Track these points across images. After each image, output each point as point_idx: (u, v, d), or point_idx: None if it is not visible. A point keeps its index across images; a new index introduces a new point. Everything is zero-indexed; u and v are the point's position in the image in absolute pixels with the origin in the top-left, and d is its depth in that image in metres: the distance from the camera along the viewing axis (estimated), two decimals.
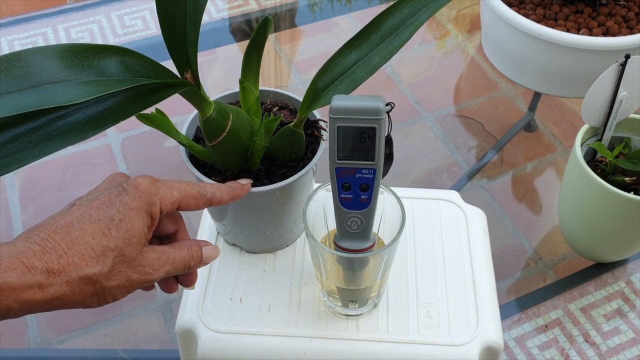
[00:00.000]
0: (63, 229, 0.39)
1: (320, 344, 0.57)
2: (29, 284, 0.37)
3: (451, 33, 1.35)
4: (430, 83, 1.24)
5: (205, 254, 0.47)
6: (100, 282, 0.39)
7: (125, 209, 0.41)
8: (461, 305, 0.59)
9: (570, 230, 0.92)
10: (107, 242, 0.40)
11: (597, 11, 1.02)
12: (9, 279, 0.36)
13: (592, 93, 0.79)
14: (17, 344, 0.87)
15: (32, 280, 0.37)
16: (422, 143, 1.13)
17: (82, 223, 0.40)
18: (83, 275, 0.38)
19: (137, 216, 0.41)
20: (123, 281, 0.41)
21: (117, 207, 0.41)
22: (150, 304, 0.91)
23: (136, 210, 0.41)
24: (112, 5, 1.40)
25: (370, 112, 0.45)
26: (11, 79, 0.39)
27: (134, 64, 0.44)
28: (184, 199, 0.45)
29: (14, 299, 0.36)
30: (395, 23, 0.51)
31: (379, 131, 0.46)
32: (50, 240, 0.39)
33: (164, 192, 0.44)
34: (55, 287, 0.38)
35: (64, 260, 0.38)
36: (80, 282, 0.38)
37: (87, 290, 0.39)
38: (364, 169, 0.48)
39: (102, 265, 0.39)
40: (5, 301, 0.36)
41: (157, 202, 0.43)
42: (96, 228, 0.40)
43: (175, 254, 0.44)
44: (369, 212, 0.50)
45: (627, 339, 0.86)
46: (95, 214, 0.40)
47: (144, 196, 0.42)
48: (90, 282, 0.39)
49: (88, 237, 0.39)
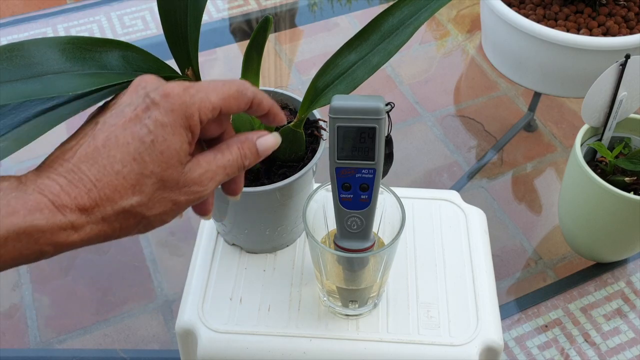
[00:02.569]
0: (88, 156, 0.34)
1: (320, 344, 0.57)
2: (60, 226, 0.32)
3: (451, 33, 1.35)
4: (430, 83, 1.24)
5: (262, 146, 0.40)
6: (142, 213, 0.35)
7: (156, 128, 0.35)
8: (461, 305, 0.59)
9: (570, 230, 0.92)
10: (140, 169, 0.34)
11: (597, 11, 1.02)
12: (37, 221, 0.32)
13: (592, 93, 0.79)
14: (17, 344, 0.87)
15: (62, 222, 0.32)
16: (422, 143, 1.13)
17: (109, 148, 0.34)
18: (119, 209, 0.34)
19: (173, 134, 0.35)
20: (169, 207, 0.36)
21: (146, 125, 0.35)
22: (150, 304, 0.91)
23: (170, 127, 0.35)
24: (112, 5, 1.40)
25: (370, 112, 0.45)
26: (13, 68, 0.39)
27: (135, 59, 0.44)
28: (225, 102, 0.38)
29: (46, 242, 0.32)
30: (396, 23, 0.51)
31: (379, 131, 0.46)
32: (77, 172, 0.33)
33: (200, 100, 0.36)
34: (90, 225, 0.33)
35: (95, 195, 0.33)
36: (117, 216, 0.34)
37: (129, 224, 0.35)
38: (364, 169, 0.48)
39: (139, 195, 0.34)
40: (35, 245, 0.32)
41: (195, 113, 0.36)
42: (125, 153, 0.34)
43: (224, 159, 0.38)
44: (369, 212, 0.50)
45: (627, 339, 0.86)
46: (122, 136, 0.34)
47: (178, 109, 0.35)
48: (129, 215, 0.34)
49: (118, 165, 0.34)
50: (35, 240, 0.32)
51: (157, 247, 0.97)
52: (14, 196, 0.32)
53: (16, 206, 0.32)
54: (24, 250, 0.32)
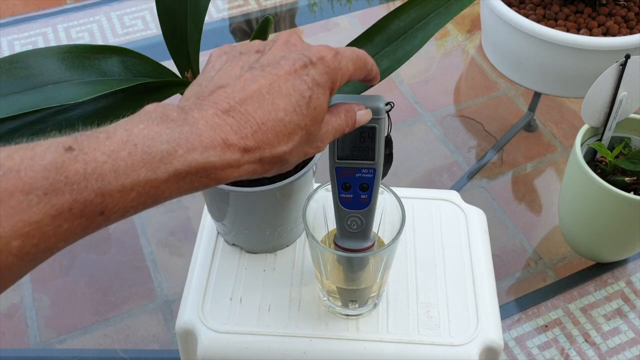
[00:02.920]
0: (254, 98, 0.36)
1: (320, 344, 0.57)
2: (228, 163, 0.34)
3: (451, 33, 1.35)
4: (430, 83, 1.24)
5: (359, 118, 0.43)
6: (286, 159, 0.37)
7: (314, 86, 0.38)
8: (461, 305, 0.59)
9: (570, 230, 0.92)
10: (297, 120, 0.37)
11: (597, 11, 1.02)
12: (211, 158, 0.33)
13: (592, 93, 0.79)
14: (17, 344, 0.87)
15: (230, 159, 0.34)
16: (422, 143, 1.13)
17: (273, 95, 0.36)
18: (275, 154, 0.36)
19: (323, 94, 0.38)
20: (301, 156, 0.39)
21: (306, 82, 0.37)
22: (150, 304, 0.91)
23: (322, 87, 0.38)
24: (112, 5, 1.40)
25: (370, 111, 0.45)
26: (14, 80, 0.39)
27: (134, 64, 0.44)
28: (355, 72, 0.41)
29: (214, 178, 0.34)
30: (402, 26, 0.50)
31: (379, 131, 0.46)
32: (242, 112, 0.35)
33: (345, 67, 0.40)
34: (247, 164, 0.36)
35: (259, 137, 0.35)
36: (270, 160, 0.36)
37: (273, 167, 0.37)
38: (363, 169, 0.48)
39: (291, 144, 0.37)
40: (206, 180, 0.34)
41: (339, 79, 0.40)
42: (287, 103, 0.36)
43: (335, 121, 0.41)
44: (369, 212, 0.50)
45: (627, 339, 0.86)
46: (284, 87, 0.37)
47: (330, 72, 0.39)
48: (277, 160, 0.37)
49: (281, 113, 0.36)
50: (207, 175, 0.34)
51: (157, 247, 0.97)
52: (187, 131, 0.33)
53: (194, 143, 0.33)
54: (196, 183, 0.34)
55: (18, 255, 0.28)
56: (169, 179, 0.32)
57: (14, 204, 0.28)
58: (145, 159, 0.31)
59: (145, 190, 0.31)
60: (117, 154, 0.30)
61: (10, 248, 0.27)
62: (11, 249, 0.27)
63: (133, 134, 0.32)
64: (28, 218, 0.28)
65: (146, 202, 0.32)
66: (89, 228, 0.30)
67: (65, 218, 0.29)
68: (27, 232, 0.28)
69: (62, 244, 0.30)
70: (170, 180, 0.32)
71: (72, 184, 0.29)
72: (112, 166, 0.30)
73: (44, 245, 0.29)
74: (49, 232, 0.29)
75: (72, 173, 0.29)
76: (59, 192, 0.29)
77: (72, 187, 0.29)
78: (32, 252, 0.28)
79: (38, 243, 0.28)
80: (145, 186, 0.31)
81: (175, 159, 0.32)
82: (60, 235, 0.29)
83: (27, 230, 0.28)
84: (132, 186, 0.31)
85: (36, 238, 0.28)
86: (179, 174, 0.32)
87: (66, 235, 0.29)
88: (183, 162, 0.32)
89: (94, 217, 0.30)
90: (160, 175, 0.31)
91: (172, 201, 1.03)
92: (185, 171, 0.32)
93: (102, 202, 0.30)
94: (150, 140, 0.32)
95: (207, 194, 0.58)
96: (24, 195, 0.28)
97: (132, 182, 0.31)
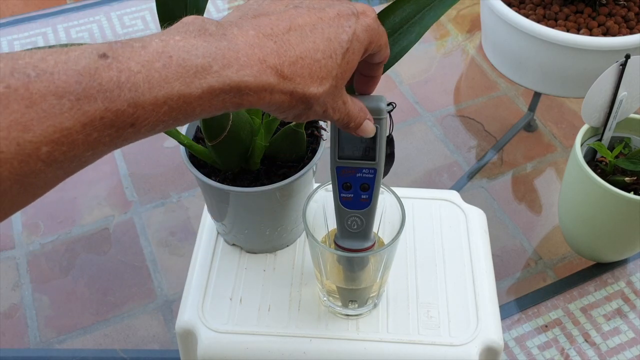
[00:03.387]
0: (298, 31, 0.35)
1: (320, 344, 0.57)
2: (263, 86, 0.33)
3: (451, 33, 1.35)
4: (430, 83, 1.24)
5: (364, 126, 0.42)
6: (311, 104, 0.36)
7: (353, 39, 0.37)
8: (461, 305, 0.59)
9: (570, 230, 0.92)
10: (331, 67, 0.36)
11: (597, 11, 1.02)
12: (246, 77, 0.32)
13: (592, 93, 0.79)
14: (17, 344, 0.87)
15: (265, 82, 0.33)
16: (422, 143, 1.13)
17: (315, 35, 0.35)
18: (306, 93, 0.35)
19: (359, 51, 0.37)
20: (320, 111, 0.38)
21: (347, 33, 0.36)
22: (150, 304, 0.91)
23: (361, 43, 0.37)
24: (112, 5, 1.40)
25: (371, 111, 0.45)
26: None
27: None
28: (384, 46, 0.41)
29: (246, 100, 0.33)
30: (398, 21, 0.50)
31: (380, 131, 0.45)
32: (285, 40, 0.34)
33: (382, 33, 0.39)
34: (280, 93, 0.34)
35: (295, 69, 0.34)
36: (300, 97, 0.35)
37: (298, 107, 0.36)
38: (364, 169, 0.48)
39: (321, 88, 0.36)
40: (238, 99, 0.33)
41: (375, 42, 0.39)
42: (327, 47, 0.35)
43: (351, 107, 0.41)
44: (369, 212, 0.50)
45: (627, 339, 0.86)
46: (327, 31, 0.36)
47: (370, 31, 0.38)
48: (305, 101, 0.36)
49: (319, 54, 0.35)
50: (240, 96, 0.32)
51: (157, 247, 0.97)
52: (225, 46, 0.32)
53: (230, 59, 0.32)
54: (228, 103, 0.32)
55: (46, 161, 0.27)
56: (202, 95, 0.31)
57: (47, 107, 0.27)
58: (180, 72, 0.30)
59: (178, 104, 0.30)
60: (152, 64, 0.29)
61: (40, 154, 0.27)
62: (40, 154, 0.27)
63: (169, 45, 0.30)
64: (59, 124, 0.27)
65: (177, 117, 0.31)
66: (117, 140, 0.29)
67: (95, 127, 0.28)
68: (57, 138, 0.27)
69: (90, 153, 0.29)
70: (203, 97, 0.31)
71: (105, 91, 0.28)
72: (146, 77, 0.29)
73: (72, 154, 0.28)
74: (78, 140, 0.28)
75: (106, 80, 0.28)
76: (92, 98, 0.28)
77: (105, 95, 0.28)
78: (60, 159, 0.28)
79: (67, 151, 0.28)
80: (178, 100, 0.30)
81: (210, 74, 0.31)
82: (89, 145, 0.28)
83: (58, 136, 0.27)
84: (164, 99, 0.30)
85: (65, 145, 0.28)
86: (212, 91, 0.31)
87: (95, 145, 0.29)
88: (217, 79, 0.31)
89: (124, 128, 0.29)
90: (194, 90, 0.31)
91: (172, 201, 1.03)
92: (219, 89, 0.31)
93: (134, 113, 0.29)
94: (186, 53, 0.31)
95: (207, 194, 0.58)
96: (56, 99, 0.27)
97: (165, 95, 0.30)
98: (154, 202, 1.03)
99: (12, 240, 0.98)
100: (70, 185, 1.06)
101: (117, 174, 1.08)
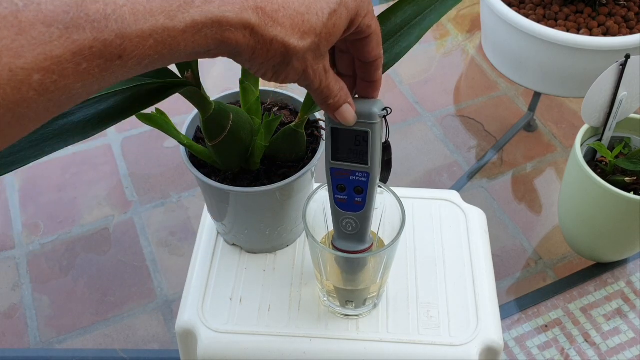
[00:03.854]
0: None
1: (320, 344, 0.57)
2: (243, 23, 0.34)
3: (451, 33, 1.35)
4: (430, 83, 1.24)
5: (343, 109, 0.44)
6: (290, 58, 0.37)
7: (341, 4, 0.38)
8: (461, 305, 0.59)
9: (570, 230, 0.92)
10: (314, 23, 0.37)
11: (597, 11, 1.02)
12: (228, 13, 0.33)
13: (592, 93, 0.79)
14: (17, 344, 0.87)
15: (246, 20, 0.34)
16: (422, 143, 1.13)
17: None
18: (285, 42, 0.36)
19: (346, 17, 0.39)
20: (301, 69, 0.39)
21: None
22: (150, 304, 0.91)
23: (348, 10, 0.39)
24: None
25: (363, 116, 0.45)
26: None
27: None
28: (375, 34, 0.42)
29: (227, 37, 0.34)
30: (399, 23, 0.50)
31: (372, 136, 0.45)
32: None
33: (370, 10, 0.41)
34: (259, 38, 0.35)
35: (277, 17, 0.35)
36: (277, 46, 0.36)
37: (276, 58, 0.37)
38: (357, 172, 0.48)
39: (301, 42, 0.37)
40: (219, 35, 0.34)
41: (363, 15, 0.40)
42: (313, 4, 0.37)
43: (332, 81, 0.42)
44: (363, 215, 0.50)
45: (627, 339, 0.86)
46: None
47: (358, 1, 0.39)
48: (284, 52, 0.37)
49: (303, 9, 0.37)
50: (221, 31, 0.34)
51: (157, 247, 0.97)
52: None
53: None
54: (210, 40, 0.34)
55: (38, 90, 0.28)
56: (185, 29, 0.32)
57: (36, 34, 0.28)
58: (164, 6, 0.32)
59: (163, 38, 0.32)
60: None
61: (32, 82, 0.28)
62: (32, 82, 0.28)
63: None
64: (50, 51, 0.28)
65: (163, 52, 0.32)
66: (106, 73, 0.30)
67: (85, 56, 0.29)
68: (47, 66, 0.28)
69: (80, 85, 0.30)
70: (187, 31, 0.32)
71: (93, 21, 0.29)
72: (132, 9, 0.31)
73: (63, 84, 0.29)
74: (68, 69, 0.29)
75: (93, 11, 0.29)
76: (80, 28, 0.29)
77: (93, 25, 0.29)
78: (51, 89, 0.29)
79: (57, 80, 0.29)
80: (162, 34, 0.31)
81: (192, 8, 0.32)
82: (78, 75, 0.29)
83: (48, 64, 0.28)
84: (150, 32, 0.31)
85: (56, 74, 0.28)
86: (195, 25, 0.33)
87: (84, 76, 0.30)
88: (200, 13, 0.33)
89: (112, 60, 0.30)
90: (178, 24, 0.32)
91: (172, 201, 1.03)
92: (201, 22, 0.33)
93: (121, 44, 0.30)
94: None
95: (207, 194, 0.58)
96: (45, 27, 0.28)
97: (151, 28, 0.31)
98: (154, 202, 1.03)
99: (12, 240, 0.98)
100: (70, 185, 1.06)
101: (117, 174, 1.08)
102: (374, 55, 0.43)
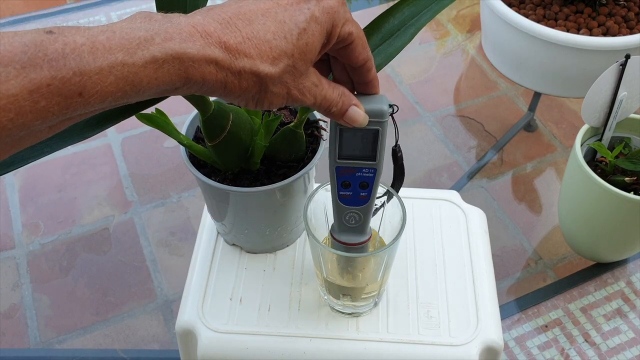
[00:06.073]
0: (246, 16, 0.37)
1: (320, 344, 0.57)
2: (207, 59, 0.35)
3: (451, 33, 1.35)
4: (430, 83, 1.24)
5: (351, 112, 0.43)
6: (266, 85, 0.38)
7: (311, 20, 0.38)
8: (461, 305, 0.59)
9: (570, 230, 0.92)
10: (285, 47, 0.37)
11: (597, 11, 1.02)
12: (189, 49, 0.34)
13: (592, 93, 0.79)
14: (17, 344, 0.87)
15: (210, 55, 0.35)
16: (422, 143, 1.13)
17: (267, 18, 0.37)
18: (255, 71, 0.37)
19: (320, 32, 0.39)
20: (284, 92, 0.39)
21: (305, 15, 0.38)
22: (150, 304, 0.91)
23: (320, 25, 0.39)
24: (112, 5, 1.40)
25: (373, 114, 0.44)
26: None
27: None
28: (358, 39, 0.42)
29: (192, 73, 0.34)
30: (396, 24, 0.51)
31: (382, 133, 0.45)
32: (231, 24, 0.36)
33: (348, 18, 0.41)
34: (226, 72, 0.36)
35: (243, 47, 0.36)
36: (250, 76, 0.37)
37: (251, 89, 0.37)
38: (364, 168, 0.48)
39: (274, 67, 0.37)
40: (183, 72, 0.34)
41: (340, 25, 0.40)
42: (279, 29, 0.37)
43: (328, 91, 0.42)
44: (368, 208, 0.50)
45: (627, 339, 0.86)
46: (281, 14, 0.38)
47: (332, 13, 0.39)
48: (257, 80, 0.37)
49: (269, 36, 0.37)
50: (184, 67, 0.34)
51: (157, 247, 0.97)
52: (169, 26, 0.34)
53: (173, 34, 0.34)
54: (174, 76, 0.34)
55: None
56: (145, 65, 0.33)
57: None
58: (123, 44, 0.32)
59: (123, 74, 0.32)
60: (96, 37, 0.31)
61: None
62: None
63: (115, 25, 0.33)
64: (5, 90, 0.28)
65: (125, 88, 0.32)
66: (67, 110, 0.31)
67: (42, 94, 0.29)
68: (3, 105, 0.28)
69: (39, 122, 0.30)
70: (147, 67, 0.33)
71: (51, 60, 0.30)
72: (90, 48, 0.31)
73: (20, 121, 0.29)
74: (25, 107, 0.29)
75: (51, 51, 0.30)
76: (37, 67, 0.30)
77: (51, 64, 0.30)
78: (8, 126, 0.29)
79: (14, 118, 0.29)
80: (122, 70, 0.32)
81: (152, 45, 0.33)
82: (37, 113, 0.30)
83: (4, 103, 0.28)
84: (109, 68, 0.31)
85: (12, 112, 0.29)
86: (155, 61, 0.33)
87: (43, 114, 0.30)
88: (160, 49, 0.33)
89: (72, 97, 0.30)
90: (137, 60, 0.32)
91: (172, 201, 1.03)
92: (162, 59, 0.33)
93: (80, 81, 0.30)
94: (130, 29, 0.33)
95: (207, 194, 0.58)
96: (2, 67, 0.29)
97: (110, 65, 0.31)
98: (154, 202, 1.03)
99: (12, 240, 0.98)
100: (70, 185, 1.06)
101: (117, 174, 1.08)
102: (361, 60, 0.43)
